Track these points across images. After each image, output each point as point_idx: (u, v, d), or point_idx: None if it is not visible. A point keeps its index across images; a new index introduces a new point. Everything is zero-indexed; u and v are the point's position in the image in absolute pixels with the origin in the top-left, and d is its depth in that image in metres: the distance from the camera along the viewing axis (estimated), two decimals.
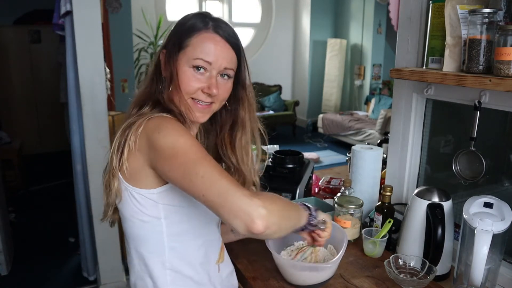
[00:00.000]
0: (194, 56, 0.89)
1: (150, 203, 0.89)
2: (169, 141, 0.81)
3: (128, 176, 0.88)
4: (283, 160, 1.53)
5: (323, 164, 5.39)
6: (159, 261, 0.94)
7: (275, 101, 7.10)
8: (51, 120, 5.34)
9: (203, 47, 0.89)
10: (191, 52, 0.89)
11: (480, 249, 0.96)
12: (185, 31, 0.91)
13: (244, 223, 0.72)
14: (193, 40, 0.90)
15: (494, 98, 1.08)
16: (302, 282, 1.06)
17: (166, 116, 0.88)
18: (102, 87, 2.28)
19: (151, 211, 0.90)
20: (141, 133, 0.84)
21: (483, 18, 0.95)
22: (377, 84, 6.89)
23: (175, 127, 0.84)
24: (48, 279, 2.73)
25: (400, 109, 1.40)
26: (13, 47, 5.18)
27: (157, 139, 0.81)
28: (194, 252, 0.97)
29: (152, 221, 0.91)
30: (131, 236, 0.95)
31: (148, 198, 0.89)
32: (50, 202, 4.01)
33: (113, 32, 4.25)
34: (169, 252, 0.94)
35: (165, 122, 0.85)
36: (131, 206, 0.90)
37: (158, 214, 0.90)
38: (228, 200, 0.74)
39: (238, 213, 0.73)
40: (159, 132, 0.82)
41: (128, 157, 0.86)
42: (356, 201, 1.32)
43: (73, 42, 2.22)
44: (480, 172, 1.09)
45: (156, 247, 0.93)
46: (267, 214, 0.73)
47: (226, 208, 0.74)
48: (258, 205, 0.73)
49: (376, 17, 6.66)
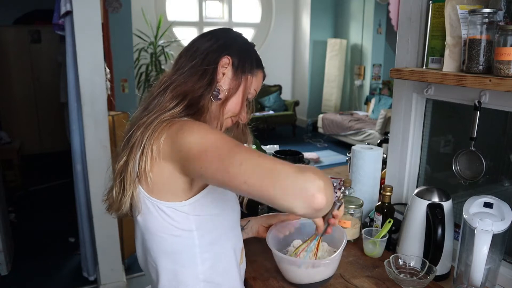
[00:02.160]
0: (254, 87, 0.97)
1: (182, 216, 0.86)
2: (195, 137, 0.77)
3: (151, 188, 0.84)
4: (283, 160, 1.53)
5: (323, 164, 5.39)
6: (192, 273, 0.91)
7: (275, 101, 7.10)
8: (51, 120, 5.34)
9: (259, 85, 0.99)
10: (254, 83, 0.97)
11: (480, 249, 0.96)
12: (256, 60, 0.97)
13: (305, 200, 0.68)
14: (259, 74, 0.98)
15: (494, 98, 1.08)
16: (302, 280, 1.06)
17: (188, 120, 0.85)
18: (102, 87, 2.28)
19: (182, 224, 0.87)
20: (164, 141, 0.79)
21: (483, 18, 0.95)
22: (377, 84, 6.90)
23: (199, 125, 0.81)
24: (48, 279, 2.73)
25: (400, 109, 1.40)
26: (13, 47, 5.18)
27: (182, 138, 0.77)
28: (225, 259, 0.96)
29: (184, 234, 0.88)
30: (161, 251, 0.91)
31: (179, 211, 0.85)
32: (50, 202, 4.01)
33: (113, 32, 4.25)
34: (202, 263, 0.91)
35: (189, 123, 0.82)
36: (160, 221, 0.86)
37: (190, 227, 0.87)
38: (278, 179, 0.68)
39: (295, 192, 0.68)
40: (183, 132, 0.78)
41: (152, 167, 0.81)
42: (356, 201, 1.32)
43: (73, 42, 2.22)
44: (480, 172, 1.09)
45: (188, 261, 0.91)
46: (325, 185, 0.69)
47: (277, 189, 0.68)
48: (314, 178, 0.68)
49: (376, 17, 6.67)
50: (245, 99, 0.95)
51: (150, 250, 0.92)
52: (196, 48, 0.93)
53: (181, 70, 0.91)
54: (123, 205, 0.88)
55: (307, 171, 0.70)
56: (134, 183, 0.85)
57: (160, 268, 0.92)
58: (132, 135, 0.86)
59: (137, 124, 0.86)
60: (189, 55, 0.92)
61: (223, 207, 0.93)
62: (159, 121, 0.83)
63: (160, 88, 0.90)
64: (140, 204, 0.87)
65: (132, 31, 4.74)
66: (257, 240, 1.22)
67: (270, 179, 0.69)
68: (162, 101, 0.87)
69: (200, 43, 0.94)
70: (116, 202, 0.89)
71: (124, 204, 0.88)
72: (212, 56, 0.91)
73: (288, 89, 7.93)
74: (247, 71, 0.94)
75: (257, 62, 0.97)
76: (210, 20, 6.97)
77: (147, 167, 0.81)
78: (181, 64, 0.92)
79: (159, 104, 0.87)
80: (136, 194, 0.86)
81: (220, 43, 0.93)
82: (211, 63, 0.91)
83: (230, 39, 0.95)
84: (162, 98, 0.88)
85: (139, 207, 0.88)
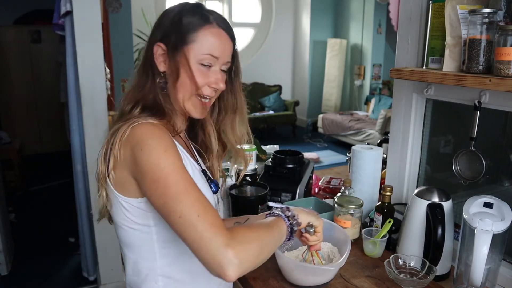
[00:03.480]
0: (202, 52, 0.88)
1: (138, 211, 0.88)
2: (150, 162, 0.78)
3: (115, 184, 0.87)
4: (283, 160, 1.53)
5: (323, 164, 5.39)
6: (150, 267, 0.93)
7: (275, 101, 7.10)
8: (51, 120, 5.34)
9: (210, 43, 0.88)
10: (198, 48, 0.88)
11: (480, 249, 0.96)
12: (187, 25, 0.88)
13: (217, 273, 0.72)
14: (199, 35, 0.88)
15: (494, 98, 1.08)
16: (303, 282, 1.06)
17: (151, 124, 0.84)
18: (102, 87, 2.28)
19: (140, 219, 0.89)
20: (125, 144, 0.82)
21: (483, 18, 0.95)
22: (377, 84, 6.90)
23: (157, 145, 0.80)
24: (48, 279, 2.73)
25: (400, 109, 1.40)
26: (13, 47, 5.18)
27: (139, 157, 0.80)
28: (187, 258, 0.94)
29: (142, 229, 0.90)
30: (123, 242, 0.95)
31: (136, 207, 0.88)
32: (50, 202, 4.01)
33: (113, 32, 4.25)
34: (161, 258, 0.93)
35: (148, 136, 0.81)
36: (121, 214, 0.90)
37: (147, 222, 0.89)
38: (202, 248, 0.72)
39: (212, 263, 0.72)
40: (142, 149, 0.80)
41: (114, 167, 0.85)
42: (356, 201, 1.32)
43: (73, 42, 2.22)
44: (480, 172, 1.09)
45: (147, 254, 0.93)
46: (239, 264, 0.72)
47: (199, 254, 0.73)
48: (233, 256, 0.71)
49: (376, 17, 6.67)
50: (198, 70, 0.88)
51: (120, 241, 0.97)
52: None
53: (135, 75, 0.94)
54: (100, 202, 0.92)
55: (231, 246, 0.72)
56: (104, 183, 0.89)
57: (126, 257, 0.97)
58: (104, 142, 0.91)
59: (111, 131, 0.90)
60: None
61: None
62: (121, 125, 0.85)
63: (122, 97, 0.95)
64: (110, 199, 0.91)
65: (132, 31, 4.74)
66: None
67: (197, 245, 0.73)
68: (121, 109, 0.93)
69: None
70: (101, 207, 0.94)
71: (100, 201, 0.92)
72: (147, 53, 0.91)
73: (288, 89, 7.93)
74: (179, 46, 0.88)
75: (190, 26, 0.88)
76: None
77: (111, 165, 0.85)
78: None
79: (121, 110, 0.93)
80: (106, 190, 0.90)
81: (151, 34, 0.92)
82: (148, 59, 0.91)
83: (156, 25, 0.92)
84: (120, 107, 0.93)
85: (110, 201, 0.91)
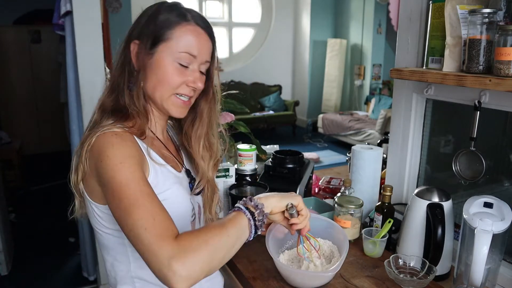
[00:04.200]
0: (178, 50, 0.87)
1: (109, 217, 0.89)
2: (108, 175, 0.79)
3: (87, 190, 0.89)
4: (283, 160, 1.53)
5: (323, 164, 5.39)
6: (125, 269, 0.95)
7: (275, 101, 7.10)
8: (51, 120, 5.33)
9: (187, 40, 0.87)
10: (175, 46, 0.86)
11: (480, 249, 0.96)
12: (164, 23, 0.87)
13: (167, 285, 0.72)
14: (176, 33, 0.87)
15: (494, 98, 1.08)
16: (303, 284, 1.06)
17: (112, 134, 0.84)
18: (102, 87, 2.28)
19: (111, 224, 0.90)
20: (90, 155, 0.84)
21: (483, 18, 0.95)
22: (377, 84, 6.90)
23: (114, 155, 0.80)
24: (48, 279, 2.73)
25: (400, 109, 1.40)
26: (13, 47, 5.18)
27: (100, 168, 0.81)
28: None
29: (114, 233, 0.91)
30: (100, 244, 0.97)
31: (106, 213, 0.89)
32: (50, 202, 4.00)
33: (113, 32, 4.25)
34: (134, 261, 0.93)
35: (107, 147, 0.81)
36: (93, 217, 0.92)
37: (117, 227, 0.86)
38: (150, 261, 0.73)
39: (159, 276, 0.72)
40: (101, 161, 0.81)
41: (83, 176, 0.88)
42: (356, 201, 1.32)
43: (73, 42, 2.22)
44: (480, 172, 1.09)
45: (121, 257, 0.94)
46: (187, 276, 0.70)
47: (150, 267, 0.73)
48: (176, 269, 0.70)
49: (376, 17, 6.67)
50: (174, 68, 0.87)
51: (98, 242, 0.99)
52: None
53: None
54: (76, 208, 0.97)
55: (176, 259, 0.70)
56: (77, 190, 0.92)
57: (104, 259, 0.99)
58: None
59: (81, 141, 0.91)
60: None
61: None
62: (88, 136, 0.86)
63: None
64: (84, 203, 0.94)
65: None
66: (257, 239, 1.21)
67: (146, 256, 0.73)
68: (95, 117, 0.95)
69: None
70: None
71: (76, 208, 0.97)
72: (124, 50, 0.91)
73: (288, 89, 7.93)
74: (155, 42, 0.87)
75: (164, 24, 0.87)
76: (210, 20, 6.89)
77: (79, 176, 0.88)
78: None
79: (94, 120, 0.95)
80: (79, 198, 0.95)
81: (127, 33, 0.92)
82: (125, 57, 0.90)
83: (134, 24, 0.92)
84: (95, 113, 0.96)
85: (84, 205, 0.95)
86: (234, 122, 1.68)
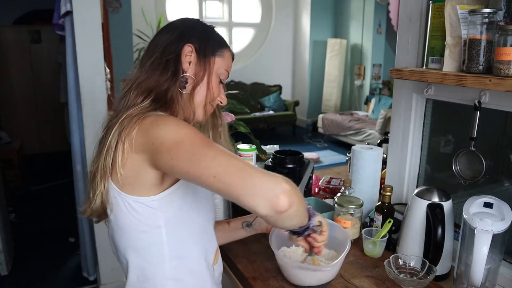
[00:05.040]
0: (224, 67, 0.96)
1: (149, 211, 0.85)
2: (171, 130, 0.78)
3: (122, 183, 0.84)
4: (283, 160, 1.53)
5: (323, 164, 5.39)
6: (160, 270, 0.91)
7: (275, 101, 7.10)
8: (51, 120, 5.34)
9: (229, 62, 0.98)
10: (222, 63, 0.95)
11: (480, 249, 0.96)
12: (220, 41, 0.97)
13: (268, 199, 0.68)
14: (226, 53, 0.97)
15: (494, 98, 1.08)
16: (303, 282, 1.06)
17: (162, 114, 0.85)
18: (102, 87, 2.28)
19: (150, 220, 0.86)
20: (137, 134, 0.80)
21: (483, 18, 0.95)
22: (377, 84, 6.90)
23: (175, 120, 0.82)
24: (48, 279, 2.73)
25: (400, 109, 1.40)
26: (13, 47, 5.18)
27: (156, 132, 0.78)
28: (194, 258, 0.95)
29: (152, 230, 0.87)
30: (129, 247, 0.91)
31: (147, 207, 0.85)
32: (50, 202, 4.01)
33: (113, 32, 4.24)
34: (170, 260, 0.91)
35: (164, 117, 0.83)
36: (129, 216, 0.86)
37: (158, 223, 0.87)
38: (246, 178, 0.69)
39: (260, 191, 0.68)
40: (158, 125, 0.79)
41: (122, 163, 0.82)
42: (356, 201, 1.32)
43: (73, 42, 2.22)
44: (480, 172, 1.09)
45: (156, 257, 0.90)
46: (291, 189, 0.70)
47: (244, 187, 0.69)
48: (281, 181, 0.69)
49: (376, 17, 6.67)
50: (217, 82, 0.95)
51: (120, 246, 0.92)
52: (155, 43, 0.93)
53: (143, 68, 0.92)
54: (93, 202, 0.89)
55: (276, 175, 0.73)
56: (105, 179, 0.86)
57: (129, 264, 0.92)
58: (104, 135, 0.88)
59: (108, 125, 0.88)
60: (150, 51, 0.93)
61: (193, 205, 0.92)
62: (127, 116, 0.83)
63: (126, 88, 0.92)
64: (111, 200, 0.88)
65: (132, 31, 4.74)
66: (257, 239, 1.22)
67: (240, 177, 0.70)
68: (129, 99, 0.89)
69: (159, 37, 0.94)
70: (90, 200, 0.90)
71: (95, 200, 0.88)
72: (172, 47, 0.91)
73: (288, 89, 7.93)
74: (209, 54, 0.93)
75: (220, 42, 0.97)
76: (210, 20, 6.93)
77: (118, 162, 0.82)
78: (143, 62, 0.93)
79: (126, 102, 0.89)
80: (106, 190, 0.87)
81: (178, 33, 0.93)
82: (171, 53, 0.90)
83: (188, 27, 0.95)
84: (127, 97, 0.90)
85: (110, 203, 0.88)
86: (234, 122, 1.68)
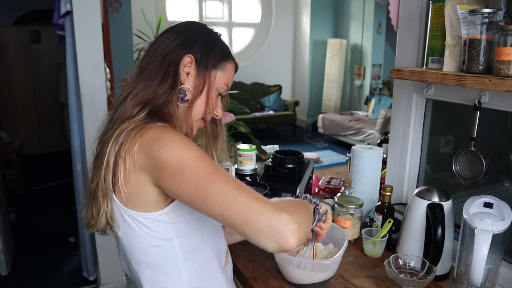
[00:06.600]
0: (224, 81, 0.91)
1: (160, 225, 0.83)
2: (173, 154, 0.73)
3: (127, 201, 0.81)
4: (283, 160, 1.53)
5: (323, 164, 5.39)
6: (177, 282, 0.89)
7: (275, 101, 7.10)
8: (51, 120, 5.34)
9: (231, 76, 0.93)
10: (222, 77, 0.90)
11: (480, 249, 0.96)
12: (223, 52, 0.90)
13: (276, 241, 0.68)
14: (228, 67, 0.91)
15: (494, 98, 1.08)
16: (302, 280, 1.06)
17: (163, 126, 0.81)
18: (102, 87, 2.28)
19: (162, 234, 0.84)
20: (138, 150, 0.76)
21: (483, 18, 0.95)
22: (377, 84, 6.90)
23: (177, 138, 0.76)
24: (48, 279, 2.73)
25: (400, 109, 1.40)
26: (13, 47, 5.19)
27: (158, 153, 0.74)
28: (209, 263, 0.94)
29: (165, 244, 0.85)
30: (142, 263, 0.88)
31: (157, 221, 0.82)
32: (50, 202, 4.01)
33: (113, 32, 4.24)
34: (186, 270, 0.89)
35: (164, 133, 0.77)
36: (139, 232, 0.83)
37: (169, 235, 0.84)
38: (254, 218, 0.68)
39: (269, 232, 0.68)
40: (160, 145, 0.74)
41: (125, 181, 0.78)
42: (356, 201, 1.32)
43: (73, 42, 2.22)
44: (480, 172, 1.09)
45: (172, 269, 0.88)
46: (298, 228, 0.69)
47: (252, 228, 0.68)
48: (288, 220, 0.68)
49: (376, 17, 6.67)
50: (215, 96, 0.90)
51: (132, 262, 0.90)
52: (156, 47, 0.88)
53: (141, 75, 0.86)
54: (98, 222, 0.86)
55: (283, 211, 0.70)
56: (107, 198, 0.82)
57: (143, 279, 0.89)
58: (101, 150, 0.84)
59: (103, 139, 0.84)
60: (149, 56, 0.88)
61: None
62: (125, 130, 0.79)
63: (122, 96, 0.87)
64: (117, 219, 0.85)
65: (132, 31, 4.74)
66: None
67: (246, 217, 0.69)
68: (124, 110, 0.84)
69: (160, 41, 0.88)
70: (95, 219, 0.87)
71: (100, 220, 0.85)
72: (172, 56, 0.86)
73: (288, 89, 7.93)
74: (210, 67, 0.88)
75: (223, 54, 0.90)
76: (210, 20, 6.96)
77: (120, 180, 0.78)
78: (142, 67, 0.88)
79: (121, 113, 0.84)
80: (109, 209, 0.84)
81: (180, 40, 0.87)
82: (171, 64, 0.85)
83: (191, 34, 0.89)
84: (124, 106, 0.85)
85: (117, 221, 0.85)
86: (234, 122, 1.68)
